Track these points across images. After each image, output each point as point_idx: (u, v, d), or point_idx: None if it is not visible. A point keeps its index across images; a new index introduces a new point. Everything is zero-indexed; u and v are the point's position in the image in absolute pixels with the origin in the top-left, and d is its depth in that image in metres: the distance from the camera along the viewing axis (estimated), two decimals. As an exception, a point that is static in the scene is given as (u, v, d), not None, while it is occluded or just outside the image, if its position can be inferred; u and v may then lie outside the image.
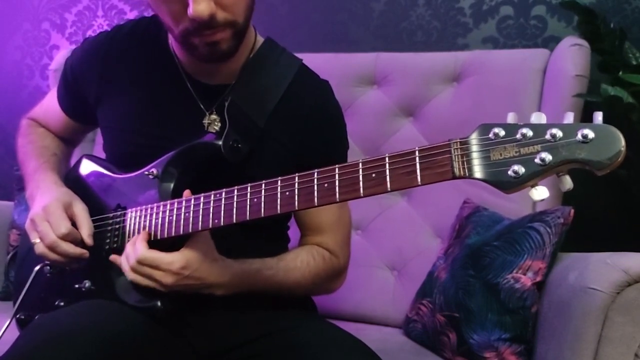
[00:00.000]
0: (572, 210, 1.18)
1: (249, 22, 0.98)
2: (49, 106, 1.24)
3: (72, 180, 1.13)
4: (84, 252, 1.00)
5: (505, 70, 1.54)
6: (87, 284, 1.03)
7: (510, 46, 1.75)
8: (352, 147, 1.19)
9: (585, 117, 0.67)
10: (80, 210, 1.03)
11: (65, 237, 0.99)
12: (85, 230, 1.01)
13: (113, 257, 0.99)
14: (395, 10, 1.87)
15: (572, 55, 1.44)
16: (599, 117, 0.64)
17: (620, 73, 1.46)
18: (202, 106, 1.05)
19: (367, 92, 1.68)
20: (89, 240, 1.01)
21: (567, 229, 1.17)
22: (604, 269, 1.01)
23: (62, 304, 1.04)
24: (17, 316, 1.08)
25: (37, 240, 1.00)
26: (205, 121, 1.04)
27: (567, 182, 0.66)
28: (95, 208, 1.06)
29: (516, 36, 1.75)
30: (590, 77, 1.42)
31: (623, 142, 0.62)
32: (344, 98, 1.64)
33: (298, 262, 1.05)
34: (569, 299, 1.04)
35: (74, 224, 1.01)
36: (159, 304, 0.94)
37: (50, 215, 1.00)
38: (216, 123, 1.04)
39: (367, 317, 1.53)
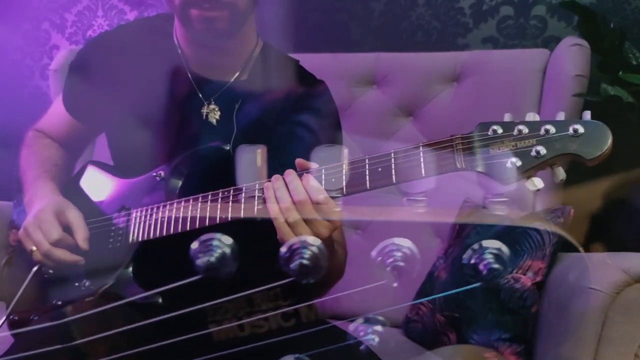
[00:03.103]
0: (572, 210, 1.18)
1: (249, 11, 1.00)
2: (54, 113, 1.24)
3: (75, 187, 1.14)
4: (79, 259, 1.01)
5: (505, 70, 1.55)
6: (87, 283, 1.03)
7: (510, 46, 1.75)
8: (353, 147, 1.19)
9: (585, 117, 0.74)
10: (74, 217, 1.03)
11: (57, 243, 0.99)
12: (80, 235, 1.01)
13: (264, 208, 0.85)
14: (395, 10, 1.87)
15: (572, 55, 1.44)
16: (587, 115, 0.70)
17: (620, 73, 1.46)
18: (200, 95, 1.06)
19: (366, 92, 1.67)
20: (84, 245, 1.01)
21: (567, 229, 1.17)
22: (604, 269, 1.01)
23: (60, 302, 1.04)
24: (11, 317, 1.08)
25: (34, 248, 1.01)
26: (204, 110, 1.05)
27: (560, 174, 0.71)
28: (100, 213, 1.06)
29: (516, 36, 1.75)
30: (590, 77, 1.42)
31: (610, 136, 0.68)
32: (344, 98, 1.64)
33: None
34: (569, 299, 1.04)
35: (69, 230, 1.01)
36: (159, 300, 0.94)
37: (41, 222, 1.01)
38: (215, 112, 1.05)
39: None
